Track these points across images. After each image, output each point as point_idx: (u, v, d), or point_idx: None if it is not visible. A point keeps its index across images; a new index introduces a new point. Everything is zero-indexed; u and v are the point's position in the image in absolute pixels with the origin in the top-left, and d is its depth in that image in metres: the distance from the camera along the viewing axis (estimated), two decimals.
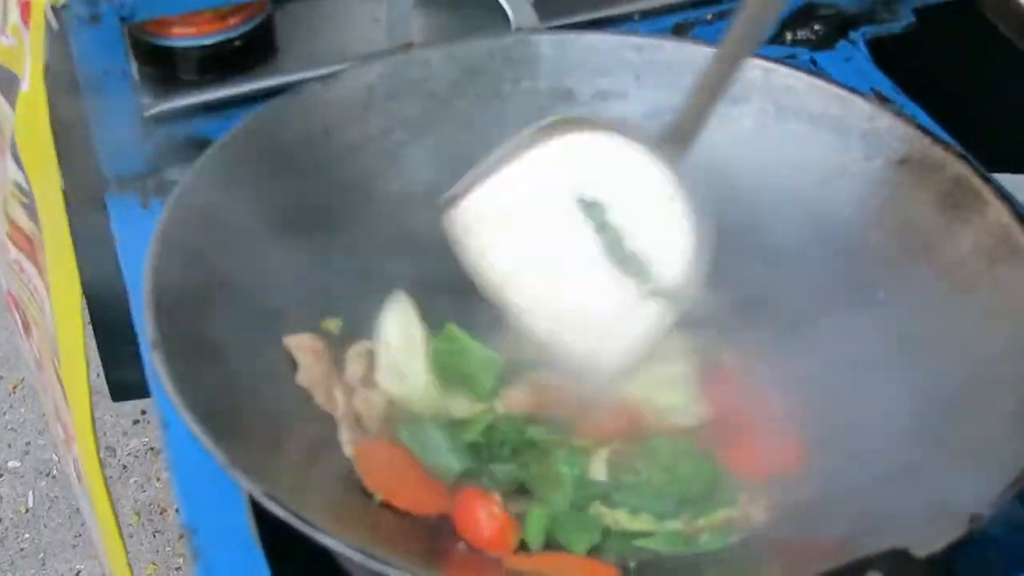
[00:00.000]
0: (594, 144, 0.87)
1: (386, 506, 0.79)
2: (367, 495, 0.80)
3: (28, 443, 2.05)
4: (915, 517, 0.73)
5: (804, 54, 1.15)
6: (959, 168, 0.88)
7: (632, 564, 0.78)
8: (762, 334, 0.89)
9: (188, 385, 0.74)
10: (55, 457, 2.01)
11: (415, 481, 0.81)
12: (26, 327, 1.24)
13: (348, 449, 0.82)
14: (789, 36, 1.18)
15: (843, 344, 0.85)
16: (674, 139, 0.86)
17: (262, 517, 0.80)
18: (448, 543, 0.78)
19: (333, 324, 0.88)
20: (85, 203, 1.10)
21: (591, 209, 0.86)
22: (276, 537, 0.79)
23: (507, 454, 0.83)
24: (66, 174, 1.06)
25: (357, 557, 0.66)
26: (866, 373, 0.84)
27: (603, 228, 0.86)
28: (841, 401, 0.84)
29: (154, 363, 0.74)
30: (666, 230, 0.86)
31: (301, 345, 0.85)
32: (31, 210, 1.06)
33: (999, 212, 0.85)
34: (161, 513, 1.95)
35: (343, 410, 0.83)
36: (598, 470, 0.82)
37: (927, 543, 0.66)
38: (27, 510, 1.96)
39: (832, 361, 0.85)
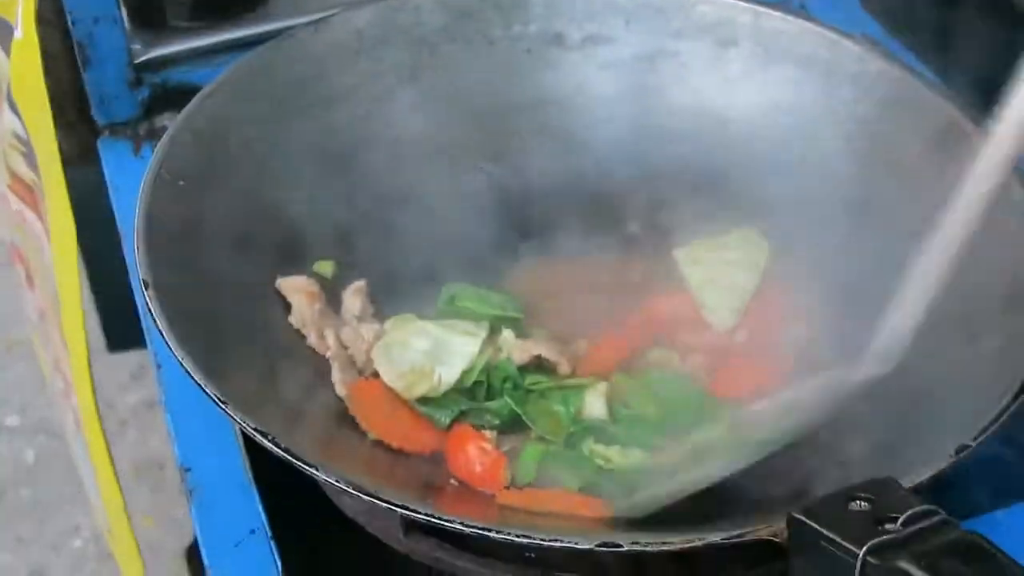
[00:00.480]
0: None
1: (379, 444, 0.79)
2: (360, 433, 0.80)
3: (26, 401, 2.05)
4: (901, 447, 0.73)
5: None
6: (949, 110, 0.89)
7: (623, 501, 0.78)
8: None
9: (180, 323, 0.74)
10: (53, 414, 2.01)
11: (408, 419, 0.82)
12: (29, 279, 1.24)
13: (340, 388, 0.82)
14: None
15: (837, 279, 0.86)
16: None
17: (257, 455, 0.80)
18: (441, 480, 0.79)
19: (326, 266, 0.88)
20: (78, 152, 1.10)
21: None
22: (271, 475, 0.79)
23: (502, 394, 0.84)
24: (59, 122, 1.06)
25: (349, 490, 0.67)
26: (856, 308, 0.85)
27: None
28: (834, 332, 0.85)
29: (147, 302, 0.75)
30: None
31: (295, 286, 0.85)
32: (30, 159, 1.06)
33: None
34: (160, 468, 1.96)
35: (335, 350, 0.84)
36: (594, 407, 0.82)
37: (913, 472, 0.66)
38: (27, 466, 1.97)
39: (825, 295, 0.85)
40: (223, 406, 0.70)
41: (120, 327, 1.52)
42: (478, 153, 0.95)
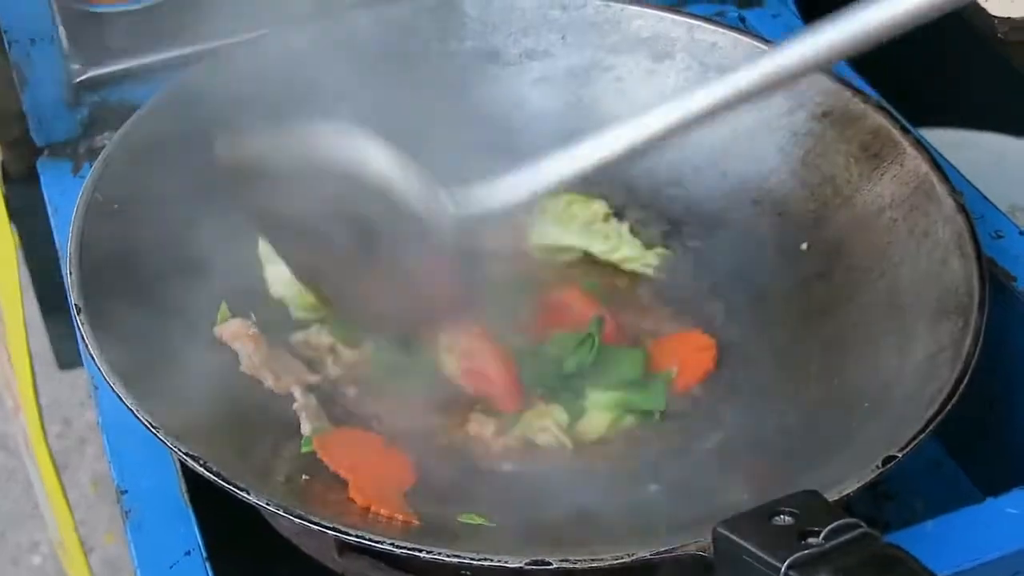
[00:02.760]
0: None
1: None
2: (296, 457, 0.80)
3: None
4: (827, 460, 0.74)
5: (732, 11, 1.16)
6: (879, 120, 0.90)
7: None
8: (685, 287, 0.91)
9: (112, 347, 0.75)
10: (13, 429, 2.01)
11: (380, 462, 0.81)
12: None
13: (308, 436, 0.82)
14: None
15: (764, 293, 0.87)
16: None
17: (194, 477, 0.80)
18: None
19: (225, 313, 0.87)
20: (24, 169, 1.10)
21: None
22: (208, 497, 0.79)
23: None
24: (2, 141, 1.06)
25: (279, 513, 0.67)
26: (782, 319, 0.86)
27: None
28: (757, 343, 0.86)
29: (79, 326, 0.75)
30: None
31: (234, 333, 0.85)
32: None
33: (917, 162, 0.86)
34: None
35: (301, 401, 0.83)
36: None
37: (839, 485, 0.67)
38: None
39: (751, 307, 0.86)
40: (156, 431, 0.70)
41: (69, 345, 1.52)
42: None
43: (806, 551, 0.58)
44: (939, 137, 0.94)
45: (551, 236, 0.95)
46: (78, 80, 1.05)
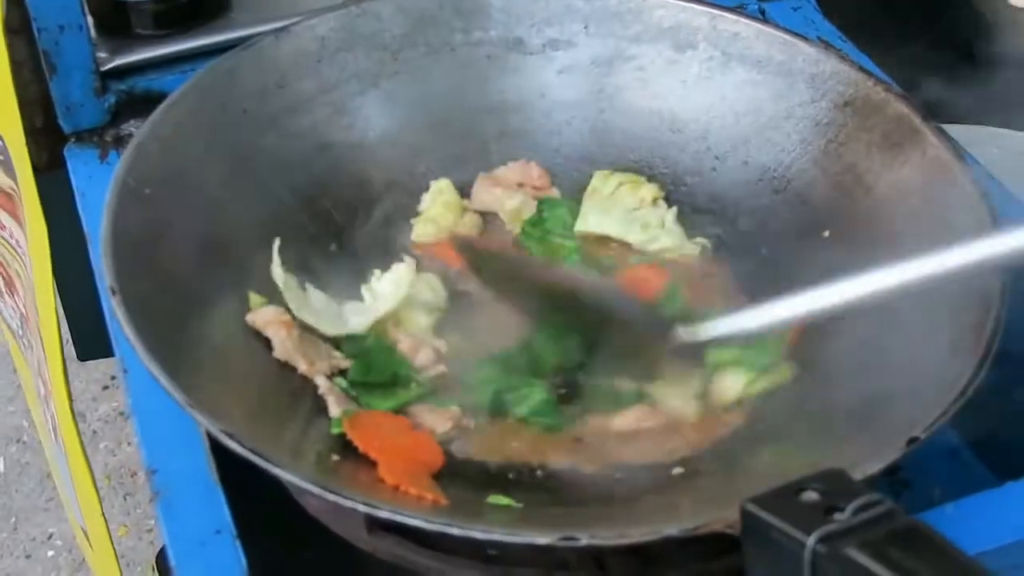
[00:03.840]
0: None
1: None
2: (325, 438, 0.81)
3: None
4: (853, 440, 0.75)
5: (753, 4, 1.17)
6: (900, 108, 0.90)
7: None
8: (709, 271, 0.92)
9: (146, 328, 0.75)
10: (25, 423, 2.02)
11: (410, 442, 0.83)
12: (9, 285, 1.25)
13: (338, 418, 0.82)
14: None
15: (785, 280, 0.87)
16: None
17: (223, 457, 0.81)
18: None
19: (258, 300, 0.87)
20: (46, 159, 1.11)
21: None
22: (237, 477, 0.80)
23: None
24: (26, 130, 1.06)
25: (312, 489, 0.68)
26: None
27: None
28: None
29: (113, 307, 0.76)
30: None
31: (267, 319, 0.86)
32: (7, 165, 1.07)
33: (939, 150, 0.87)
34: (132, 476, 1.96)
35: (326, 386, 0.84)
36: None
37: (864, 465, 0.68)
38: None
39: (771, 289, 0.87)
40: (190, 409, 0.71)
41: (89, 336, 1.52)
42: (440, 157, 0.96)
43: (832, 525, 0.59)
44: (953, 131, 0.94)
45: (592, 223, 0.96)
46: (105, 68, 1.07)
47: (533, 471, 0.81)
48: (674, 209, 0.96)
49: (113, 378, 2.07)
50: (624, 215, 0.95)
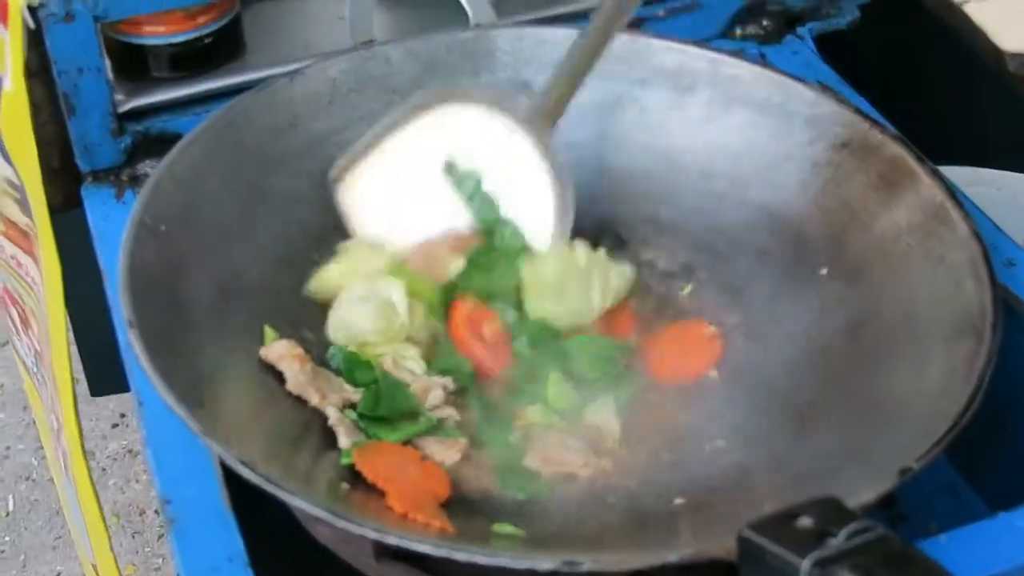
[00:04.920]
0: (467, 117, 0.94)
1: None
2: (336, 466, 0.83)
3: (8, 447, 2.07)
4: (847, 470, 0.77)
5: (752, 48, 1.19)
6: (896, 150, 0.93)
7: None
8: (708, 308, 0.94)
9: (162, 361, 0.77)
10: (34, 461, 2.03)
11: (418, 473, 0.84)
12: (24, 321, 1.27)
13: (348, 449, 0.84)
14: (739, 31, 1.21)
15: (787, 315, 0.90)
16: (545, 111, 0.93)
17: (235, 486, 0.83)
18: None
19: (272, 334, 0.89)
20: (61, 198, 1.13)
21: (464, 179, 0.95)
22: (249, 506, 0.82)
23: None
24: (43, 169, 1.09)
25: (321, 516, 0.70)
26: (804, 335, 0.89)
27: (475, 196, 0.95)
28: (775, 366, 0.89)
29: (130, 340, 0.78)
30: (534, 196, 0.93)
31: (279, 354, 0.87)
32: (24, 204, 1.09)
33: (933, 190, 0.89)
34: (140, 514, 1.97)
35: (335, 417, 0.86)
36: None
37: (858, 494, 0.70)
38: (7, 513, 1.98)
39: (771, 325, 0.89)
40: (207, 438, 0.73)
41: (102, 371, 1.54)
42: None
43: (826, 550, 0.61)
44: (952, 173, 0.96)
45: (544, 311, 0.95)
46: (122, 110, 1.09)
47: (538, 500, 0.83)
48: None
49: (123, 416, 2.09)
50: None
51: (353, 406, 0.88)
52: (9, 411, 2.11)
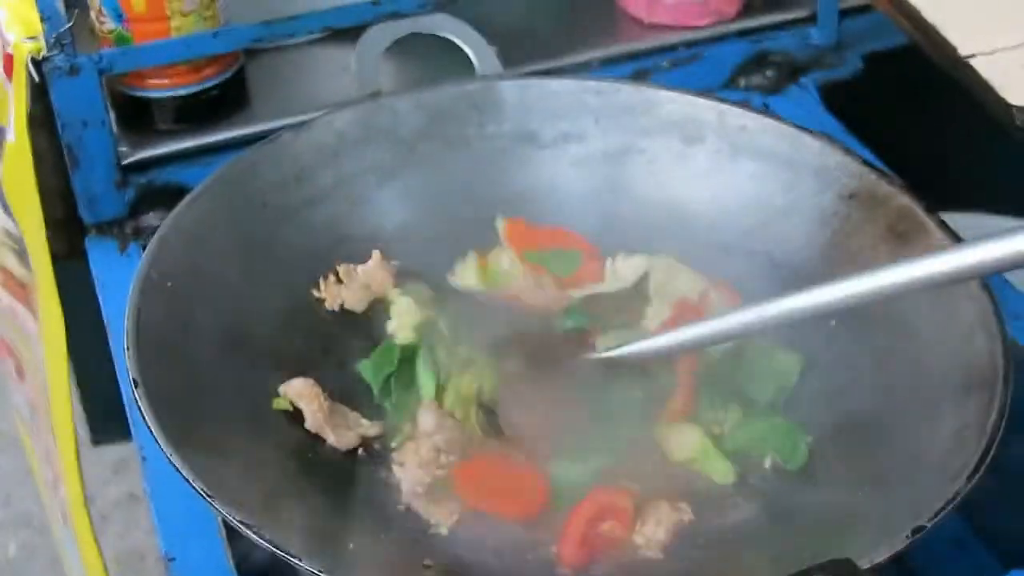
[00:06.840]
0: None
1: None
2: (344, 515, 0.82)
3: (9, 493, 2.06)
4: (858, 529, 0.76)
5: (756, 99, 1.19)
6: (904, 201, 0.92)
7: None
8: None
9: (168, 420, 0.77)
10: (35, 508, 2.02)
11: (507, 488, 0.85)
12: (20, 372, 1.27)
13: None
14: (743, 82, 1.22)
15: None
16: None
17: (240, 545, 0.83)
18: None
19: (283, 402, 0.88)
20: (60, 251, 1.13)
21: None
22: (254, 564, 0.82)
23: None
24: (46, 220, 1.09)
25: None
26: (812, 391, 0.88)
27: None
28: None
29: (135, 399, 0.77)
30: None
31: (300, 393, 0.87)
32: (23, 255, 1.09)
33: (942, 242, 0.89)
34: (141, 560, 1.97)
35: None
36: None
37: (870, 554, 0.69)
38: (8, 560, 1.98)
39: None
40: (216, 504, 0.72)
41: (103, 420, 1.54)
42: (456, 249, 0.98)
43: None
44: (957, 220, 0.96)
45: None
46: (126, 162, 1.09)
47: None
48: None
49: (124, 461, 2.08)
50: None
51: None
52: (9, 456, 2.10)
